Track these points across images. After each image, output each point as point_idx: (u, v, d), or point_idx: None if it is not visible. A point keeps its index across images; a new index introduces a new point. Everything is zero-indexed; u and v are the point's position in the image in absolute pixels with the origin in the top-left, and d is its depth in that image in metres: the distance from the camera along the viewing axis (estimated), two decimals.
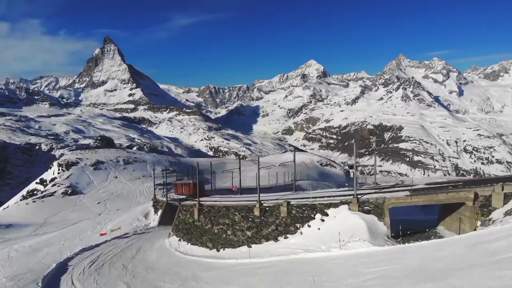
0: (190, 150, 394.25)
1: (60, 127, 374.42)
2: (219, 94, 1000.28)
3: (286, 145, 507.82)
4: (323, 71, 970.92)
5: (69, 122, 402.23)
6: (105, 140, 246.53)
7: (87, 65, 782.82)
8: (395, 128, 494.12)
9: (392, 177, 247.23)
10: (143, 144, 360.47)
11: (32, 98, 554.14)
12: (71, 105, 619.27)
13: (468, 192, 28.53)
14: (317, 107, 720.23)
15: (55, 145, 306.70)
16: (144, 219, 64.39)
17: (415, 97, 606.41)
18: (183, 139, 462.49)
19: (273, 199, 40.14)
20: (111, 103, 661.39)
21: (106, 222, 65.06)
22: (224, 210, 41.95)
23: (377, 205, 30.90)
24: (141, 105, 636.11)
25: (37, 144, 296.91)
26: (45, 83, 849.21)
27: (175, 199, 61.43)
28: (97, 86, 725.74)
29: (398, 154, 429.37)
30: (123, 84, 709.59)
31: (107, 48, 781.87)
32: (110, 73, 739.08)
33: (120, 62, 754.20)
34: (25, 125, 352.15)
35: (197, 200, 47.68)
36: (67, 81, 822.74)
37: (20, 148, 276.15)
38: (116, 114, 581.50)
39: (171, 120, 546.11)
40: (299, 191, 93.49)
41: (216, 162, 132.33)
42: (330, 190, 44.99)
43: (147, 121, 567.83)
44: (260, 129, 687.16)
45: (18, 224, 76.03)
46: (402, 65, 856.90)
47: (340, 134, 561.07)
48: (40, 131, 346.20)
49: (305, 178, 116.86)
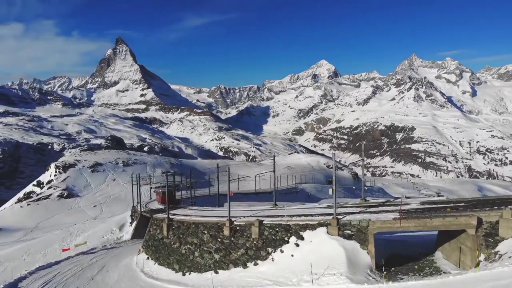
0: (200, 150, 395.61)
1: (72, 127, 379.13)
2: (229, 94, 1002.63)
3: (297, 146, 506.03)
4: (334, 71, 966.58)
5: (81, 122, 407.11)
6: (115, 140, 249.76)
7: (100, 65, 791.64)
8: (407, 128, 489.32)
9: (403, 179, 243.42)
10: (154, 144, 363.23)
11: (45, 98, 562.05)
12: (83, 105, 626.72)
13: (470, 217, 23.35)
14: (328, 107, 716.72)
15: (67, 145, 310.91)
16: (118, 231, 58.78)
17: (427, 97, 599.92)
18: (193, 139, 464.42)
19: (247, 215, 35.59)
20: (123, 103, 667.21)
21: (78, 234, 60.32)
22: (194, 227, 37.39)
23: (360, 229, 26.33)
24: (153, 105, 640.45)
25: (49, 143, 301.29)
26: (58, 84, 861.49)
27: (148, 210, 54.77)
28: (109, 86, 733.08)
29: (410, 155, 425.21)
30: (135, 84, 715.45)
31: (119, 49, 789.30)
32: (122, 73, 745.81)
33: (132, 63, 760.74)
34: (38, 125, 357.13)
35: (167, 214, 42.44)
36: (79, 81, 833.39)
37: (33, 148, 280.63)
38: (128, 114, 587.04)
39: (182, 120, 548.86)
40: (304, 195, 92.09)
41: (220, 164, 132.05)
42: (311, 206, 38.25)
43: (158, 121, 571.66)
44: (270, 129, 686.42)
45: (9, 229, 72.74)
46: (414, 65, 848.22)
47: (351, 134, 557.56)
48: (53, 131, 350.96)
49: (310, 181, 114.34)
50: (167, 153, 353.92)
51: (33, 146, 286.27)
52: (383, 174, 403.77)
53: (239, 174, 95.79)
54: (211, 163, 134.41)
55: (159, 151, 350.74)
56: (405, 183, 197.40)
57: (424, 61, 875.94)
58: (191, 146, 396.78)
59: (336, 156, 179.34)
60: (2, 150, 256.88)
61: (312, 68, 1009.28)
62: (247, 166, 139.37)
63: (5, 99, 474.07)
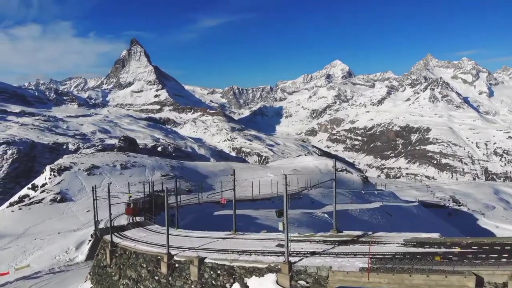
0: (213, 150, 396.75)
1: (87, 127, 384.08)
2: (242, 95, 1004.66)
3: (309, 146, 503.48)
4: (348, 71, 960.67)
5: (96, 122, 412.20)
6: (128, 141, 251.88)
7: (115, 66, 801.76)
8: (422, 129, 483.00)
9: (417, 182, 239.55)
10: (167, 144, 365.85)
11: (61, 99, 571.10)
12: (98, 105, 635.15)
13: (465, 276, 16.04)
14: (342, 107, 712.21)
15: (82, 145, 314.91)
16: (74, 251, 51.20)
17: (443, 98, 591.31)
18: (206, 140, 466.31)
19: (195, 245, 28.48)
20: (137, 104, 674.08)
21: (33, 251, 53.36)
22: (134, 257, 31.10)
23: (317, 280, 20.24)
24: (167, 106, 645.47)
25: (64, 143, 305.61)
26: (74, 84, 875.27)
27: (104, 228, 45.64)
28: (124, 87, 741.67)
29: (425, 157, 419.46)
30: (149, 85, 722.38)
31: (133, 50, 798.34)
32: (136, 74, 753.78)
33: (147, 64, 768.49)
34: (53, 125, 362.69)
35: (110, 237, 35.29)
36: (95, 82, 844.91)
37: (48, 148, 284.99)
38: (142, 114, 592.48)
39: (195, 121, 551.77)
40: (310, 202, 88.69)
41: (223, 167, 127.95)
42: (273, 236, 29.49)
43: (172, 121, 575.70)
44: (283, 130, 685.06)
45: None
46: (430, 65, 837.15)
47: (365, 135, 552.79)
48: (68, 131, 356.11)
49: (315, 184, 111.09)
50: (180, 153, 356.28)
51: (48, 146, 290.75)
52: (398, 176, 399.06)
53: (245, 178, 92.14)
54: (214, 166, 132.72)
55: (172, 151, 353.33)
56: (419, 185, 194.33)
57: (440, 61, 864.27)
58: (204, 147, 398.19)
59: (350, 157, 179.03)
60: (17, 149, 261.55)
61: (326, 68, 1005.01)
62: (252, 169, 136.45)
63: (22, 100, 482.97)
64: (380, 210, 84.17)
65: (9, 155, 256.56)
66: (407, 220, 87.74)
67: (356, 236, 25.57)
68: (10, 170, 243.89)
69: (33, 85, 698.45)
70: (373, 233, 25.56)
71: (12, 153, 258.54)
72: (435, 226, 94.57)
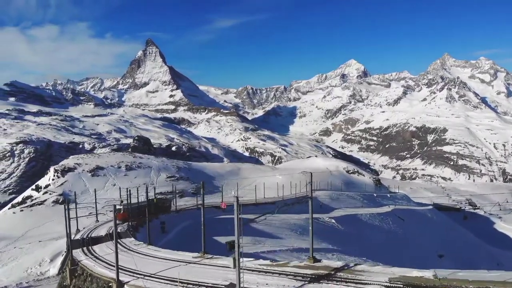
0: (226, 150, 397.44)
1: (103, 126, 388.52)
2: (256, 95, 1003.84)
3: (324, 147, 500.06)
4: (363, 70, 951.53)
5: (112, 122, 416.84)
6: (142, 140, 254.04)
7: (130, 67, 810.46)
8: (438, 130, 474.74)
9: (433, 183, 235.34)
10: (181, 144, 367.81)
11: (78, 99, 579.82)
12: (114, 105, 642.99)
13: None
14: (357, 107, 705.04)
15: (98, 144, 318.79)
16: (48, 263, 45.86)
17: (460, 98, 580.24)
18: (220, 140, 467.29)
19: (152, 273, 24.60)
20: (153, 104, 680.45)
21: (6, 262, 48.64)
22: (89, 280, 27.81)
23: None
24: (181, 106, 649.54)
25: (80, 143, 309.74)
26: (90, 84, 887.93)
27: (78, 240, 39.51)
28: (139, 87, 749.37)
29: (442, 158, 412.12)
30: (164, 85, 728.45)
31: (149, 50, 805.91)
32: (151, 74, 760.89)
33: (162, 64, 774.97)
34: (70, 125, 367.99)
35: (70, 254, 31.93)
36: (111, 82, 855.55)
37: (64, 147, 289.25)
38: (157, 114, 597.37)
39: (209, 121, 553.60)
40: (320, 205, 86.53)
41: (230, 168, 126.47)
42: None
43: (187, 121, 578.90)
44: (296, 130, 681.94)
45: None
46: (447, 65, 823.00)
47: (381, 135, 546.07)
48: (84, 131, 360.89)
49: (325, 187, 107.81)
50: (194, 152, 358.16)
51: (64, 145, 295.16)
52: (413, 177, 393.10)
53: (253, 179, 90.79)
54: (222, 167, 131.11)
55: (186, 151, 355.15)
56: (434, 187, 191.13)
57: (457, 61, 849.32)
58: (217, 146, 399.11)
59: (365, 158, 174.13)
60: (34, 148, 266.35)
61: (341, 68, 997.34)
62: (260, 170, 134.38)
63: (39, 100, 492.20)
64: (391, 214, 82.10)
65: (26, 154, 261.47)
66: (420, 225, 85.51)
67: (335, 268, 21.78)
68: (27, 169, 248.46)
69: (50, 85, 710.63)
70: (355, 265, 22.25)
71: (29, 152, 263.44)
72: (449, 231, 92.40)
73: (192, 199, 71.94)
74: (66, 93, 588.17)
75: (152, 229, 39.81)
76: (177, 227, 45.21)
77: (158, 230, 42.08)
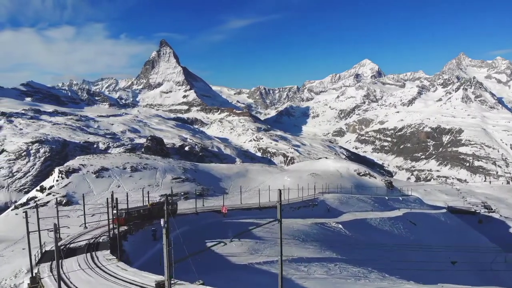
0: (239, 150, 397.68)
1: (117, 126, 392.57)
2: (269, 95, 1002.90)
3: (337, 147, 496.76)
4: (377, 70, 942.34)
5: (126, 122, 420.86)
6: (155, 140, 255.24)
7: (145, 67, 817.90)
8: (454, 131, 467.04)
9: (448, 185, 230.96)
10: (194, 144, 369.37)
11: (93, 99, 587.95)
12: (129, 105, 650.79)
13: None
14: (371, 108, 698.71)
15: (112, 144, 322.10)
16: (24, 274, 38.48)
17: (476, 98, 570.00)
18: (232, 140, 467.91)
19: None
20: (166, 104, 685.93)
21: None
22: None
23: None
24: (194, 106, 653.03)
25: (95, 142, 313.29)
26: (105, 85, 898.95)
27: (30, 259, 33.96)
28: (153, 87, 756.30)
29: (457, 159, 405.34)
30: (178, 86, 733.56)
31: (163, 51, 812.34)
32: (165, 75, 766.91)
33: (175, 65, 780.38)
34: (85, 125, 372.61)
35: (30, 268, 29.66)
36: (126, 82, 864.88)
37: (79, 146, 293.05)
38: (171, 115, 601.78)
39: (222, 121, 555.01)
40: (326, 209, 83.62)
41: (238, 170, 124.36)
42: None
43: (199, 121, 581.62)
44: (309, 130, 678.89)
45: None
46: (462, 65, 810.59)
47: (395, 136, 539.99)
48: (99, 130, 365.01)
49: (334, 190, 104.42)
50: (207, 152, 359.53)
51: (79, 144, 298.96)
52: (428, 178, 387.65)
53: (261, 181, 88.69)
54: (229, 168, 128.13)
55: (199, 151, 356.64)
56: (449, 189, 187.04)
57: (473, 60, 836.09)
58: (230, 146, 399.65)
59: (379, 159, 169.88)
60: (50, 148, 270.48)
61: (355, 68, 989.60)
62: (268, 172, 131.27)
63: (55, 100, 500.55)
64: (403, 218, 79.82)
65: (42, 154, 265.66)
66: (432, 230, 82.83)
67: None
68: (42, 168, 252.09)
69: (66, 86, 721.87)
70: None
71: (45, 151, 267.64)
72: (463, 236, 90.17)
73: (195, 201, 70.79)
74: (81, 93, 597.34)
75: (144, 236, 37.46)
76: (172, 233, 40.18)
77: (149, 238, 39.74)
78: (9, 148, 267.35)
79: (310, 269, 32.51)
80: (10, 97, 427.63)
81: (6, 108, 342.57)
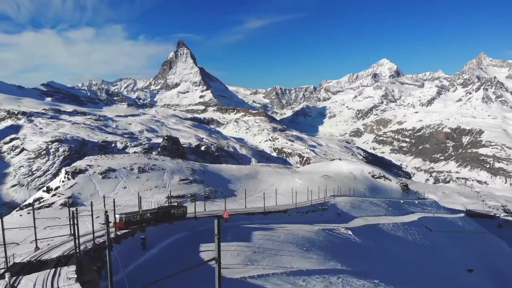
0: (254, 150, 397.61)
1: (135, 126, 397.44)
2: (285, 95, 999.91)
3: (354, 148, 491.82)
4: (396, 70, 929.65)
5: (144, 122, 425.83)
6: (171, 140, 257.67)
7: (162, 68, 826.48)
8: (474, 132, 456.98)
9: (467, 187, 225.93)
10: (210, 144, 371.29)
11: (112, 99, 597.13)
12: (146, 105, 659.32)
13: None
14: (389, 108, 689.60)
15: (130, 143, 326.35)
16: None
17: (497, 98, 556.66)
18: (248, 140, 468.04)
19: None
20: (183, 104, 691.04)
21: None
22: None
23: None
24: (211, 106, 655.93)
25: (113, 142, 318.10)
26: (124, 85, 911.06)
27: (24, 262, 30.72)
28: (170, 88, 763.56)
29: (477, 160, 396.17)
30: (195, 86, 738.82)
31: (180, 52, 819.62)
32: (182, 75, 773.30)
33: (192, 65, 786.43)
34: (103, 124, 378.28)
35: None
36: (144, 83, 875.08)
37: (97, 146, 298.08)
38: (188, 115, 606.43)
39: (238, 121, 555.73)
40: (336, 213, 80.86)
41: (248, 171, 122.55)
42: None
43: (216, 121, 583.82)
44: (326, 130, 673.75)
45: None
46: (483, 64, 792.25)
47: (413, 137, 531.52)
48: (117, 130, 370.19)
49: (347, 193, 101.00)
50: (223, 152, 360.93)
51: (98, 144, 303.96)
52: (447, 180, 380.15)
53: (271, 183, 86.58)
54: (239, 170, 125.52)
55: (215, 151, 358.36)
56: (468, 192, 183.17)
57: (493, 60, 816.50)
58: (245, 146, 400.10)
59: (397, 160, 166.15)
60: (69, 147, 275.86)
61: (373, 67, 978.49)
62: (279, 173, 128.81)
63: (75, 100, 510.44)
64: (417, 223, 77.12)
65: (61, 152, 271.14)
66: (449, 235, 79.78)
67: None
68: (61, 167, 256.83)
69: (85, 86, 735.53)
70: None
71: (64, 150, 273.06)
72: (481, 241, 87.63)
73: (203, 204, 67.56)
74: (100, 93, 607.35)
75: (132, 245, 34.81)
76: (166, 240, 39.15)
77: (138, 246, 36.09)
78: (29, 147, 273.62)
79: (309, 284, 29.86)
80: (31, 97, 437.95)
81: (26, 108, 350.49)
